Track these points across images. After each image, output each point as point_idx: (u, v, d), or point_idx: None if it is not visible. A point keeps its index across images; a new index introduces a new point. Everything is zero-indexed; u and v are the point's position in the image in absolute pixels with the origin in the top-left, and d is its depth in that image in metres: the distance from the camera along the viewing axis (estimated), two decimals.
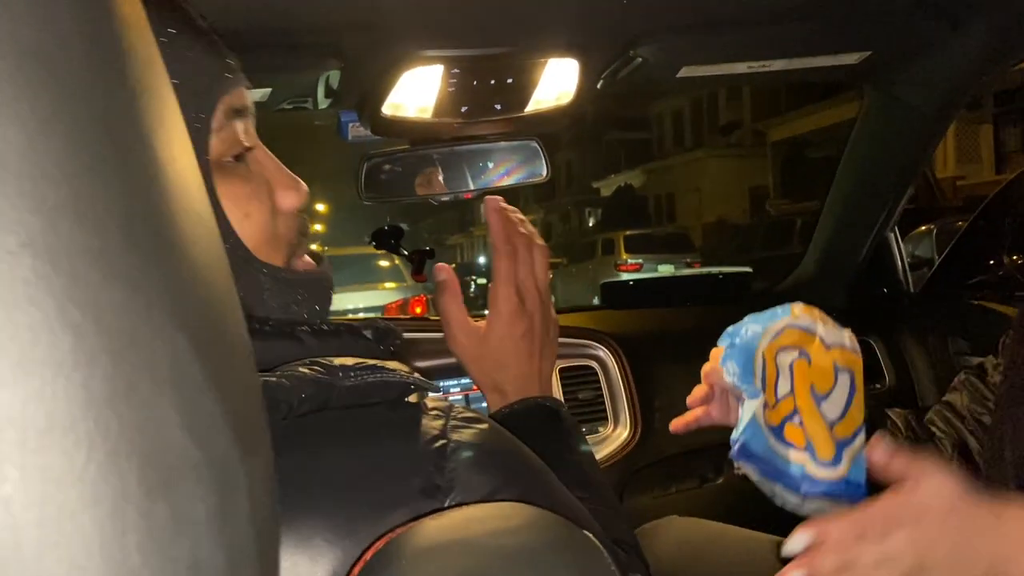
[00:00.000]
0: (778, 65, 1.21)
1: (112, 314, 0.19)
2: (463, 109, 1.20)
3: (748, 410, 0.72)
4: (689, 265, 12.73)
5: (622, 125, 26.02)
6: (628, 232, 14.38)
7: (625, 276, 12.28)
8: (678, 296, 1.99)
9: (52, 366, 0.18)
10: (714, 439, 1.54)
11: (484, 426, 0.50)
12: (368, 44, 1.00)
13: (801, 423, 0.71)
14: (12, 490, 0.17)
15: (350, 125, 1.31)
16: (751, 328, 0.75)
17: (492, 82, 1.15)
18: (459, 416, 0.50)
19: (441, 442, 0.47)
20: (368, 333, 0.53)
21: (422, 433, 0.48)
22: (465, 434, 0.48)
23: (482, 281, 19.86)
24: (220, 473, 0.21)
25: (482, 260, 26.39)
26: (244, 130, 0.57)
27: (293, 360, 0.46)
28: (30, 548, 0.17)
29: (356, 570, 0.38)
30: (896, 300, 1.70)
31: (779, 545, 1.05)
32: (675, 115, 24.98)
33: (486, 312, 0.88)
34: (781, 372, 0.72)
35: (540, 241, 0.86)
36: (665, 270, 12.37)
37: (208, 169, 0.53)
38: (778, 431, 0.71)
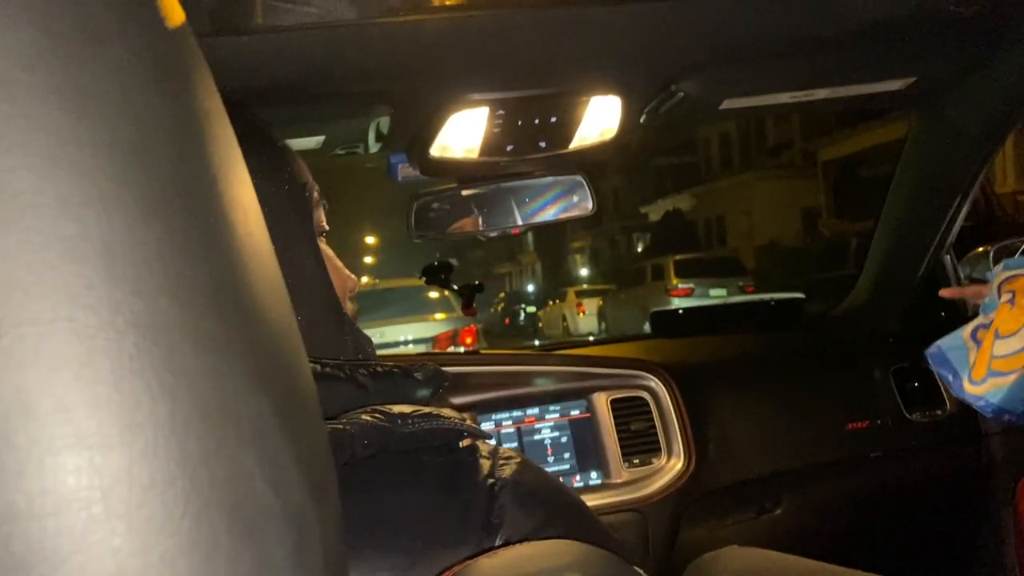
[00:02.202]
0: (822, 94, 1.21)
1: (202, 381, 0.21)
2: (509, 148, 1.23)
3: (966, 327, 1.02)
4: (741, 288, 12.54)
5: (669, 150, 25.92)
6: (678, 257, 14.25)
7: (676, 301, 12.15)
8: (729, 324, 1.98)
9: (153, 429, 0.20)
10: (770, 469, 1.53)
11: (524, 465, 0.53)
12: (417, 90, 1.04)
13: (975, 336, 0.98)
14: (121, 542, 0.20)
15: (400, 166, 1.35)
16: (1005, 265, 1.03)
17: (536, 122, 1.18)
18: (503, 456, 0.53)
19: (491, 481, 0.50)
20: (419, 375, 0.57)
21: (474, 474, 0.51)
22: (508, 472, 0.51)
23: (531, 309, 19.91)
24: (296, 519, 0.23)
25: (530, 288, 26.44)
26: (323, 217, 0.68)
27: (355, 406, 0.50)
28: None
29: None
30: (954, 325, 1.66)
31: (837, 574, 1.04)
32: (722, 138, 24.80)
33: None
34: (995, 306, 0.98)
35: None
36: (717, 294, 12.20)
37: (313, 232, 0.65)
38: (966, 346, 0.99)
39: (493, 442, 0.57)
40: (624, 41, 1.01)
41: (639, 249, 24.98)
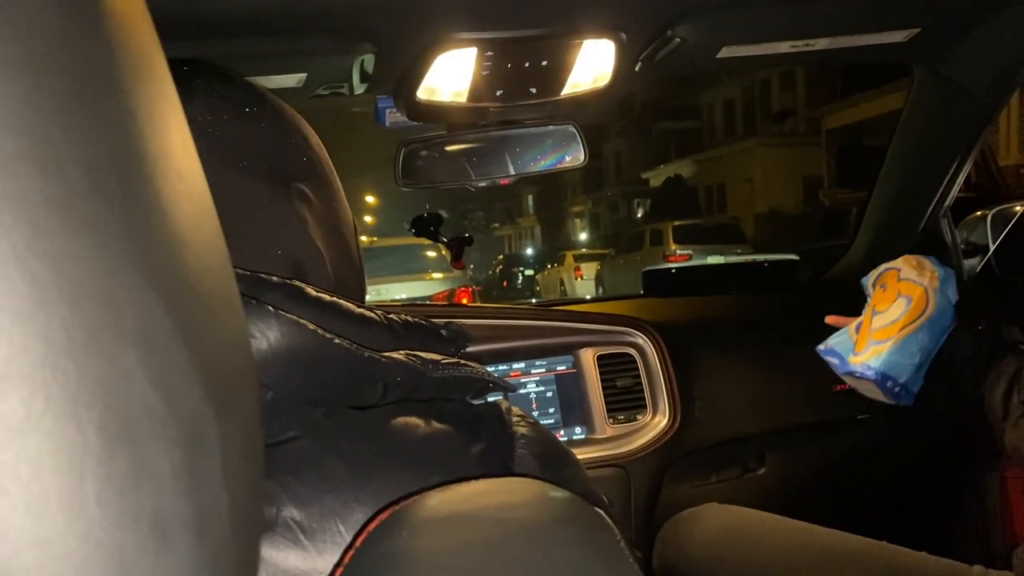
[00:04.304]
0: (822, 44, 1.17)
1: (72, 264, 0.19)
2: (498, 93, 1.20)
3: (850, 324, 1.11)
4: (740, 256, 12.52)
5: (672, 115, 25.69)
6: (677, 223, 14.21)
7: (694, 264, 12.10)
8: (721, 284, 1.96)
9: (8, 314, 0.18)
10: (755, 428, 1.52)
11: (538, 425, 0.56)
12: (402, 27, 1.00)
13: (858, 328, 1.07)
14: None
15: (387, 111, 1.31)
16: (874, 271, 1.14)
17: (527, 65, 1.14)
18: (517, 414, 0.55)
19: (510, 432, 0.52)
20: (444, 332, 0.58)
21: (495, 424, 0.52)
22: (525, 430, 0.53)
23: (529, 272, 19.88)
24: (188, 430, 0.21)
25: (529, 251, 26.37)
26: None
27: (387, 349, 0.50)
28: None
29: (359, 541, 0.38)
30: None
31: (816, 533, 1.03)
32: (726, 104, 24.54)
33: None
34: (870, 296, 1.10)
35: None
36: (714, 261, 12.14)
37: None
38: (851, 335, 1.08)
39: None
40: None
41: (639, 214, 24.91)
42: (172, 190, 0.23)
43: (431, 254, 9.28)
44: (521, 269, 20.10)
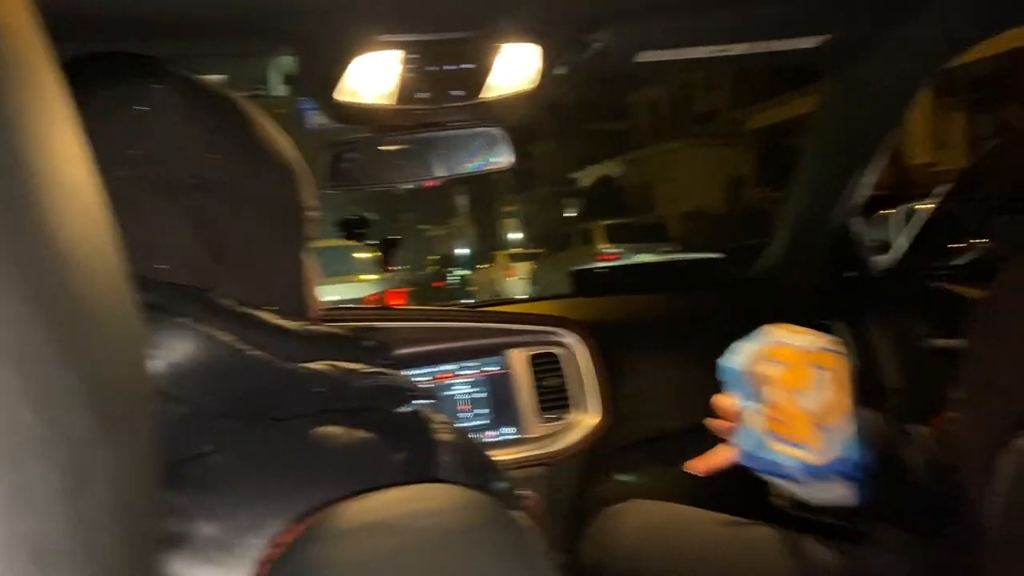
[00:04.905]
0: (738, 50, 1.21)
1: None
2: (422, 95, 1.19)
3: (745, 420, 0.84)
4: (668, 254, 12.76)
5: (600, 116, 26.00)
6: (607, 222, 14.40)
7: (621, 263, 12.26)
8: (648, 283, 1.99)
9: None
10: (681, 424, 1.56)
11: (461, 432, 0.56)
12: (323, 29, 0.98)
13: (788, 422, 0.81)
14: None
15: (310, 113, 1.29)
16: (737, 354, 0.87)
17: (451, 67, 1.14)
18: (440, 421, 0.55)
19: (432, 440, 0.52)
20: (366, 342, 0.57)
21: (417, 432, 0.52)
22: (448, 436, 0.53)
23: (462, 273, 19.83)
24: (75, 453, 0.20)
25: (462, 251, 26.33)
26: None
27: (311, 359, 0.50)
28: None
29: (275, 554, 0.38)
30: (861, 283, 1.71)
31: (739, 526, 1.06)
32: (653, 105, 24.99)
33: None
34: (766, 383, 0.82)
35: None
36: (643, 259, 12.35)
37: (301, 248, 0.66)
38: (771, 433, 0.82)
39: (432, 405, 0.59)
40: None
41: (571, 214, 25.13)
42: (59, 202, 0.22)
43: (361, 256, 9.16)
44: (454, 270, 20.06)
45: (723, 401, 0.88)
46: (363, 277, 8.96)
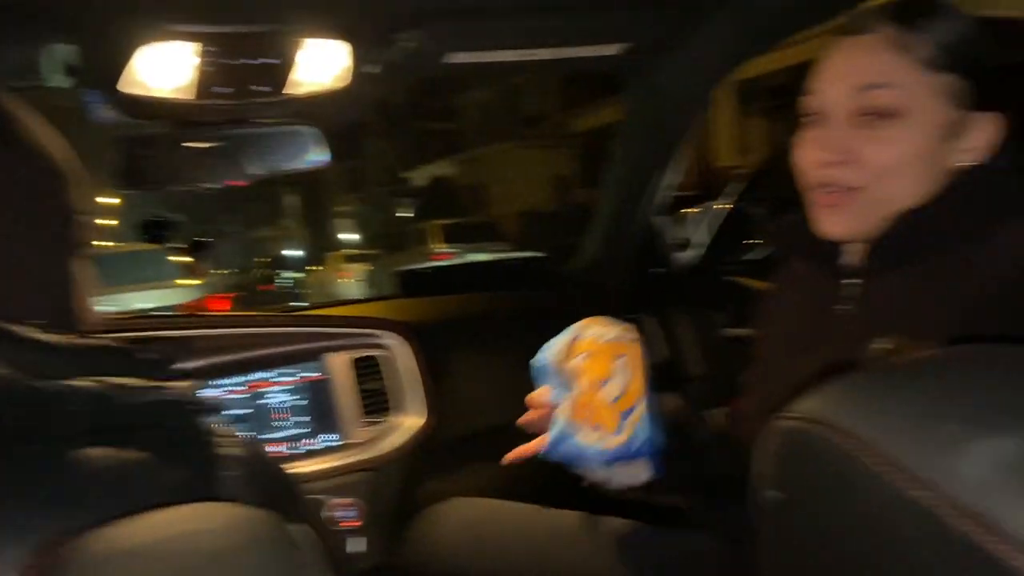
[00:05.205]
0: (544, 54, 1.25)
1: None
2: (223, 90, 1.14)
3: (557, 414, 0.86)
4: (500, 253, 13.01)
5: (433, 116, 26.05)
6: (441, 222, 14.45)
7: (448, 263, 12.32)
8: (475, 282, 2.02)
9: None
10: (504, 419, 1.58)
11: (245, 444, 0.53)
12: (101, 14, 0.91)
13: (592, 411, 0.84)
14: None
15: (97, 106, 1.20)
16: (547, 351, 0.90)
17: (254, 62, 1.10)
18: (224, 434, 0.53)
19: (212, 455, 0.50)
20: (145, 356, 0.54)
21: (195, 448, 0.50)
22: (230, 451, 0.51)
23: (293, 275, 19.17)
24: None
25: (293, 253, 25.47)
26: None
27: (79, 374, 0.47)
28: None
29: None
30: (666, 279, 1.82)
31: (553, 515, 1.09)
32: (482, 106, 25.36)
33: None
34: (574, 375, 0.86)
35: None
36: (477, 258, 12.52)
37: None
38: (575, 423, 0.85)
39: (219, 417, 0.55)
40: None
41: (405, 214, 25.00)
42: None
43: (180, 259, 8.63)
44: (285, 272, 19.37)
45: (536, 397, 0.91)
46: (181, 282, 8.45)
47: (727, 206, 1.96)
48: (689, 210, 1.77)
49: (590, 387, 0.85)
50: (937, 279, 0.77)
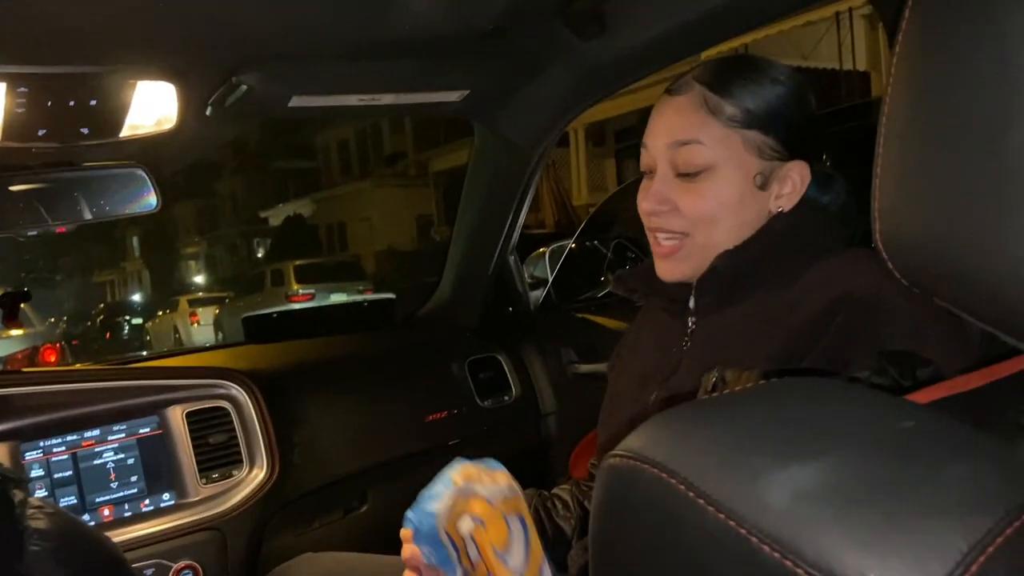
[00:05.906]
0: (387, 99, 1.25)
1: None
2: (41, 132, 1.07)
3: None
4: (361, 292, 12.79)
5: (288, 155, 25.48)
6: (298, 262, 14.05)
7: (297, 307, 11.95)
8: (323, 326, 1.97)
9: None
10: (355, 467, 1.55)
11: (57, 515, 0.51)
12: None
13: None
14: None
15: None
16: (426, 511, 0.77)
17: (72, 103, 1.04)
18: (34, 506, 0.50)
19: (19, 530, 0.47)
20: None
21: (2, 521, 0.47)
22: (40, 524, 0.48)
23: (137, 321, 17.98)
24: None
25: (137, 297, 23.91)
26: None
27: None
28: None
29: None
30: (518, 317, 1.86)
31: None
32: (341, 145, 25.06)
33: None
34: (467, 542, 0.75)
35: None
36: (338, 299, 12.25)
37: None
38: None
39: (32, 486, 0.51)
40: (172, 24, 0.93)
41: (260, 254, 24.14)
42: None
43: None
44: (128, 318, 18.15)
45: (411, 559, 0.80)
46: (10, 332, 7.73)
47: (571, 244, 2.04)
48: (543, 249, 1.82)
49: (492, 559, 0.75)
50: (758, 314, 0.82)
